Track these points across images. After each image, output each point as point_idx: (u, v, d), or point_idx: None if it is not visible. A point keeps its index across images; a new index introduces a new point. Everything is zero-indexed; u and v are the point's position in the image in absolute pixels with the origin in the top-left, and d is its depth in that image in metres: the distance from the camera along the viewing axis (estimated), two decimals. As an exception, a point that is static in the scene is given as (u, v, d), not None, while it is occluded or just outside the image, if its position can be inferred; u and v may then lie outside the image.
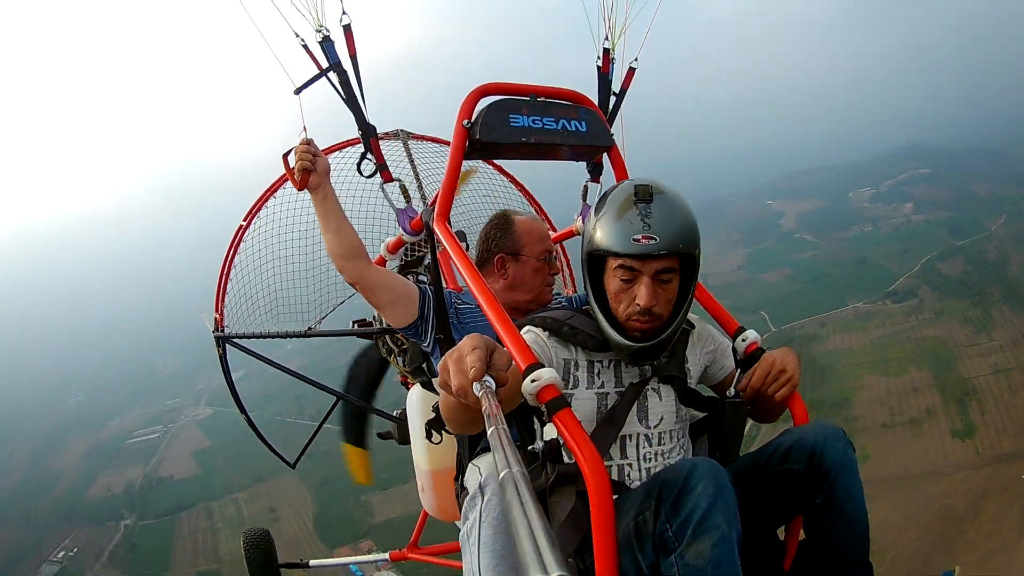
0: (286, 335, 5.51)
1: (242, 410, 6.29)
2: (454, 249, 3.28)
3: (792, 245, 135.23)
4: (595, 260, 2.82)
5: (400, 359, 4.97)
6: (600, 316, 2.82)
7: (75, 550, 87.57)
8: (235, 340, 5.58)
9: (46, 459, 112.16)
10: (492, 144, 3.47)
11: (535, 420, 2.90)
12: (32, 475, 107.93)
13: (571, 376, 2.92)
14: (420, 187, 5.86)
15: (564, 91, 3.70)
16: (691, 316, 3.17)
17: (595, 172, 4.06)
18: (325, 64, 3.82)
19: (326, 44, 3.80)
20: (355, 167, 4.16)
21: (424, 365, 4.24)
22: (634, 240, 2.63)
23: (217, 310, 5.56)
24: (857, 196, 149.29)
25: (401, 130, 5.86)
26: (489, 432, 1.60)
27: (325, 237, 3.85)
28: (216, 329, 5.56)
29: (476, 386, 1.90)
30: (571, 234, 5.00)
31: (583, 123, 3.61)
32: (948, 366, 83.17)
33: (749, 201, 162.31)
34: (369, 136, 4.00)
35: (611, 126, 4.19)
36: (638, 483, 2.82)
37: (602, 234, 2.73)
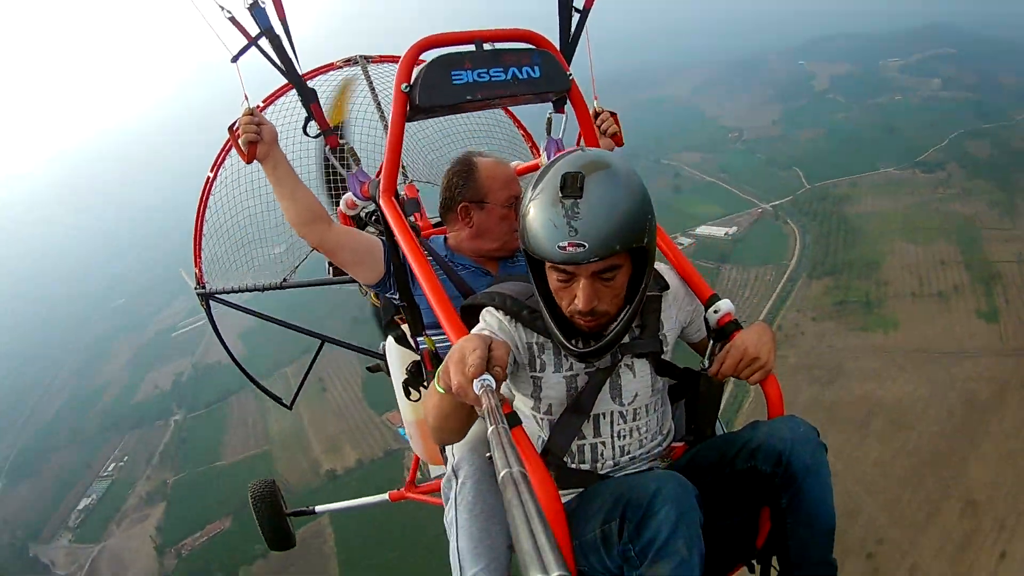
0: (264, 288, 5.59)
1: (234, 360, 6.49)
2: (399, 228, 3.29)
3: (825, 105, 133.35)
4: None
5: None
6: (545, 313, 2.67)
7: (125, 459, 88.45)
8: (218, 296, 5.68)
9: (91, 371, 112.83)
10: (436, 107, 3.36)
11: None
12: (78, 391, 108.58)
13: (537, 360, 2.83)
14: (382, 116, 5.79)
15: (514, 32, 3.52)
16: (666, 273, 3.08)
17: (559, 103, 3.81)
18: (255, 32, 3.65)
19: (255, 10, 3.62)
20: (301, 126, 4.04)
21: (396, 317, 4.21)
22: (559, 248, 2.39)
23: (196, 265, 5.58)
24: (886, 65, 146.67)
25: (360, 56, 5.76)
26: (489, 431, 1.62)
27: (281, 205, 3.81)
28: (197, 285, 5.61)
29: (476, 384, 1.98)
30: (537, 168, 4.54)
31: (536, 68, 3.42)
32: (975, 245, 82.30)
33: (781, 60, 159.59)
34: (309, 102, 3.91)
35: (574, 51, 4.10)
36: (611, 463, 2.84)
37: (530, 235, 2.49)
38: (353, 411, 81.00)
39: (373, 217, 5.01)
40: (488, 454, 3.26)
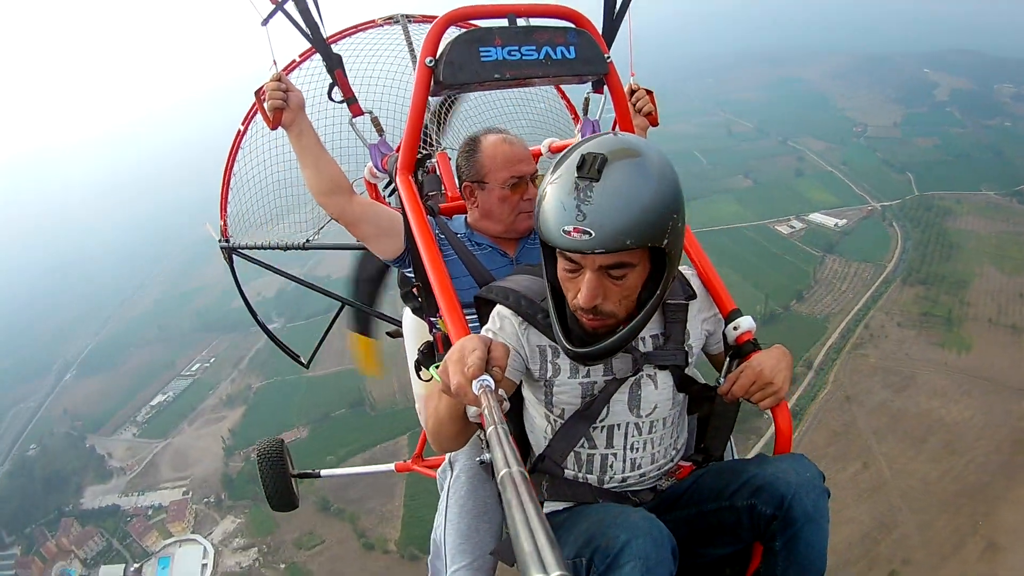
0: (287, 247, 5.53)
1: (254, 315, 6.45)
2: (413, 208, 3.22)
3: (943, 117, 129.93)
4: None
5: None
6: (551, 304, 2.58)
7: (212, 360, 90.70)
8: (241, 251, 5.65)
9: (192, 271, 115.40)
10: (461, 84, 3.21)
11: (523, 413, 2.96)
12: (174, 289, 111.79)
13: (549, 364, 2.71)
14: None
15: (552, 8, 3.35)
16: (693, 279, 2.92)
17: (598, 83, 3.65)
18: None
19: None
20: (326, 92, 3.90)
21: (413, 289, 3.93)
22: (564, 232, 2.24)
23: (222, 219, 5.56)
24: (1001, 90, 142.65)
25: (402, 15, 5.49)
26: (488, 431, 1.60)
27: (304, 174, 3.73)
28: (221, 238, 5.57)
29: (475, 384, 1.93)
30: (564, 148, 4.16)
31: (571, 48, 3.23)
32: (1058, 286, 79.93)
33: (907, 63, 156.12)
34: (334, 68, 3.76)
35: (618, 28, 3.91)
36: (619, 476, 2.75)
37: (541, 216, 2.37)
38: None
39: (391, 191, 5.06)
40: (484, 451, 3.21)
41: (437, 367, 2.22)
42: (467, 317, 3.05)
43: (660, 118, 4.22)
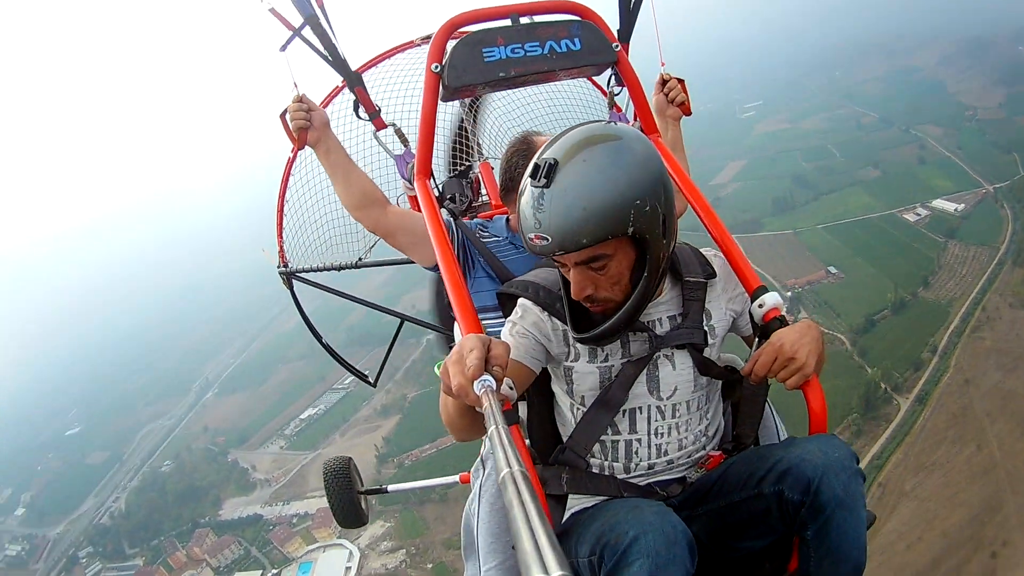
0: (340, 267, 5.65)
1: (317, 338, 6.46)
2: (429, 213, 3.21)
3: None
4: None
5: None
6: (563, 294, 2.64)
7: (366, 372, 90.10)
8: (300, 275, 5.75)
9: (344, 287, 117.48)
10: (467, 87, 3.30)
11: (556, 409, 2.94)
12: (326, 305, 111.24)
13: (569, 349, 2.72)
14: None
15: (554, 3, 3.45)
16: (715, 259, 2.92)
17: (619, 77, 3.74)
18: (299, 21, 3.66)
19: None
20: (353, 112, 4.07)
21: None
22: (530, 239, 2.36)
23: (279, 244, 5.64)
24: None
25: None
26: (489, 431, 1.61)
27: (336, 189, 3.85)
28: (280, 264, 5.66)
29: (476, 385, 1.94)
30: None
31: (576, 40, 3.29)
32: None
33: (1003, 42, 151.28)
34: (355, 86, 3.89)
35: (636, 18, 3.95)
36: (645, 464, 2.72)
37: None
38: None
39: (465, 171, 5.32)
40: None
41: (439, 366, 2.27)
42: (494, 319, 3.41)
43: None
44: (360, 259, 5.58)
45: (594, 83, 5.86)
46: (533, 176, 2.30)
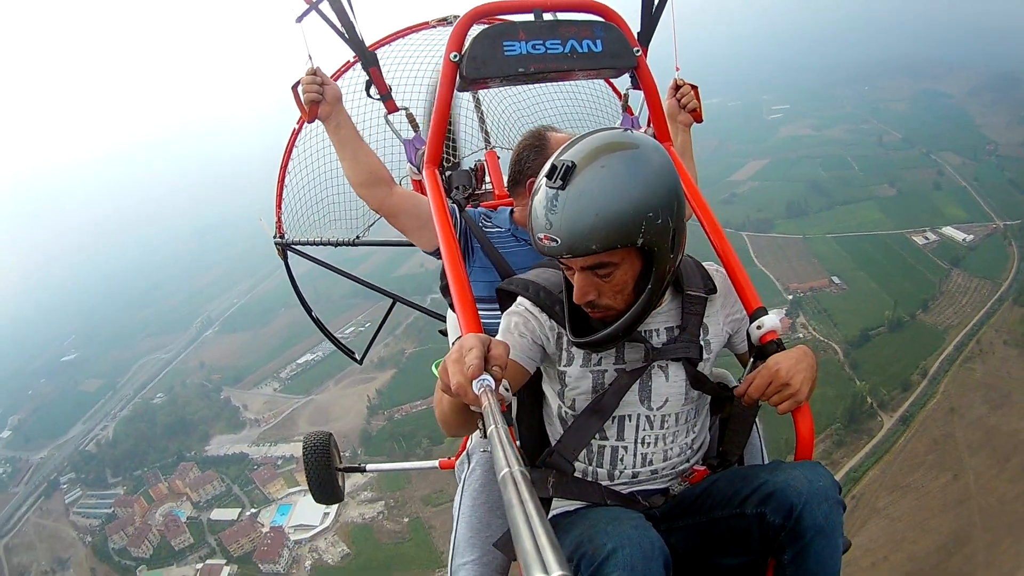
0: (337, 243, 5.65)
1: (308, 311, 6.57)
2: (435, 202, 3.19)
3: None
4: None
5: None
6: (565, 297, 2.66)
7: (367, 324, 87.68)
8: (295, 247, 5.76)
9: None
10: (485, 79, 3.28)
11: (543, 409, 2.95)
12: (335, 257, 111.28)
13: (563, 352, 2.73)
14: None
15: (578, 2, 3.41)
16: (717, 275, 2.93)
17: (636, 80, 3.67)
18: None
19: None
20: (364, 91, 3.97)
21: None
22: (539, 239, 2.35)
23: (277, 215, 5.64)
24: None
25: (454, 16, 5.34)
26: (488, 431, 1.62)
27: (343, 166, 3.79)
28: (276, 235, 5.69)
29: (475, 384, 1.93)
30: None
31: (598, 42, 3.27)
32: None
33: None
34: (369, 66, 3.79)
35: (657, 23, 3.89)
36: (629, 472, 2.75)
37: (528, 219, 2.46)
38: None
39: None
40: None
41: (438, 365, 2.14)
42: (487, 310, 3.34)
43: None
44: (358, 237, 5.68)
45: (609, 83, 5.92)
46: (549, 177, 2.32)
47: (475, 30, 3.30)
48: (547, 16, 3.29)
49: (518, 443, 2.89)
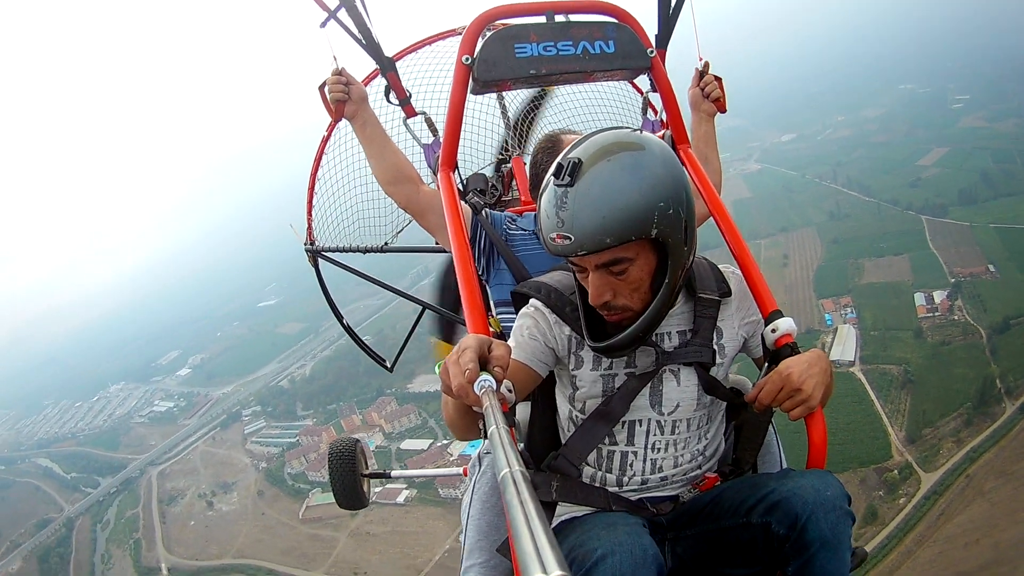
0: (366, 250, 5.59)
1: (339, 318, 6.49)
2: (449, 206, 3.21)
3: None
4: None
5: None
6: (579, 301, 2.59)
7: None
8: (325, 254, 5.73)
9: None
10: (496, 81, 3.23)
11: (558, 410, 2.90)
12: None
13: (573, 356, 2.67)
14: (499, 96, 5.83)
15: (592, 3, 3.40)
16: (732, 278, 2.84)
17: (653, 83, 3.58)
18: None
19: None
20: (384, 96, 3.92)
21: None
22: (551, 239, 2.30)
23: (308, 222, 5.59)
24: None
25: None
26: (489, 431, 1.61)
27: (370, 164, 3.85)
28: (307, 242, 5.62)
29: (476, 385, 1.92)
30: None
31: (611, 42, 3.21)
32: None
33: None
34: (387, 72, 3.78)
35: (675, 23, 3.83)
36: (639, 478, 2.69)
37: (537, 221, 2.42)
38: (799, 290, 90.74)
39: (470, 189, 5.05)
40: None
41: (439, 366, 2.17)
42: (511, 313, 3.41)
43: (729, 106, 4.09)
44: (386, 243, 5.56)
45: (632, 84, 5.78)
46: (557, 175, 2.26)
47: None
48: (559, 18, 3.27)
49: (521, 445, 3.02)
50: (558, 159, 2.30)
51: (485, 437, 1.87)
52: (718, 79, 4.03)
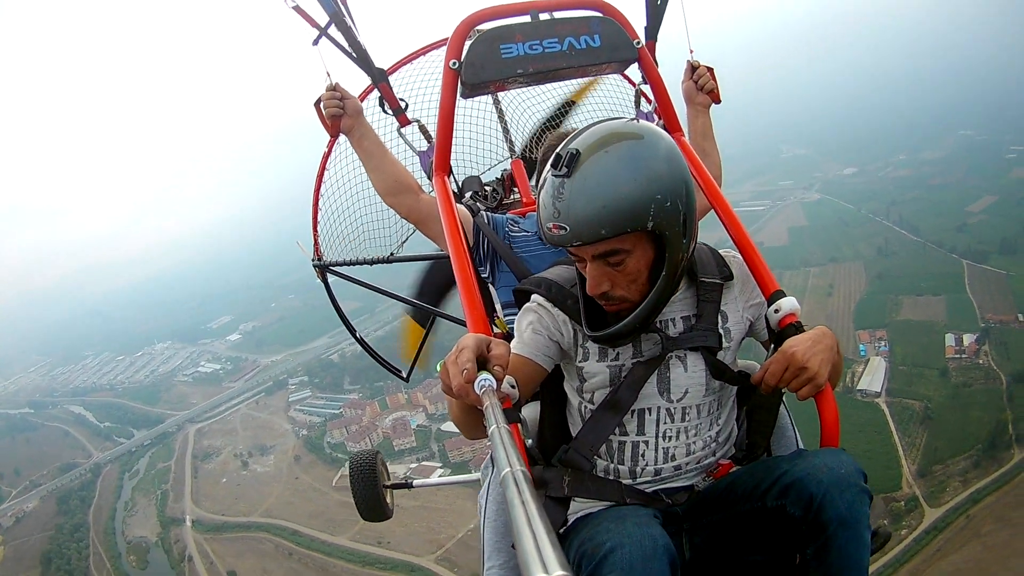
0: (373, 261, 5.61)
1: (351, 332, 6.67)
2: (445, 210, 3.25)
3: None
4: None
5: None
6: (580, 292, 2.61)
7: None
8: (333, 268, 5.78)
9: None
10: (485, 83, 3.27)
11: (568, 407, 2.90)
12: None
13: (580, 349, 2.68)
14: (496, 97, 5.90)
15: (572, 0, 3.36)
16: (734, 262, 2.84)
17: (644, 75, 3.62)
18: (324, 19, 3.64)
19: None
20: (379, 106, 4.02)
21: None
22: (548, 229, 2.32)
23: (314, 238, 5.63)
24: None
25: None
26: (489, 431, 1.62)
27: (370, 177, 3.89)
28: (314, 257, 5.67)
29: (476, 384, 1.93)
30: None
31: (596, 36, 3.23)
32: None
33: None
34: (379, 83, 3.84)
35: (663, 13, 3.90)
36: (651, 468, 2.67)
37: (536, 212, 2.43)
38: (839, 320, 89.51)
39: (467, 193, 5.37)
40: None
41: (440, 366, 2.17)
42: (514, 314, 3.51)
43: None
44: (392, 254, 5.59)
45: (624, 76, 5.87)
46: (555, 166, 2.26)
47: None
48: (543, 16, 3.30)
49: (530, 441, 3.05)
50: (557, 149, 2.32)
51: (487, 435, 1.75)
52: (710, 70, 4.12)
